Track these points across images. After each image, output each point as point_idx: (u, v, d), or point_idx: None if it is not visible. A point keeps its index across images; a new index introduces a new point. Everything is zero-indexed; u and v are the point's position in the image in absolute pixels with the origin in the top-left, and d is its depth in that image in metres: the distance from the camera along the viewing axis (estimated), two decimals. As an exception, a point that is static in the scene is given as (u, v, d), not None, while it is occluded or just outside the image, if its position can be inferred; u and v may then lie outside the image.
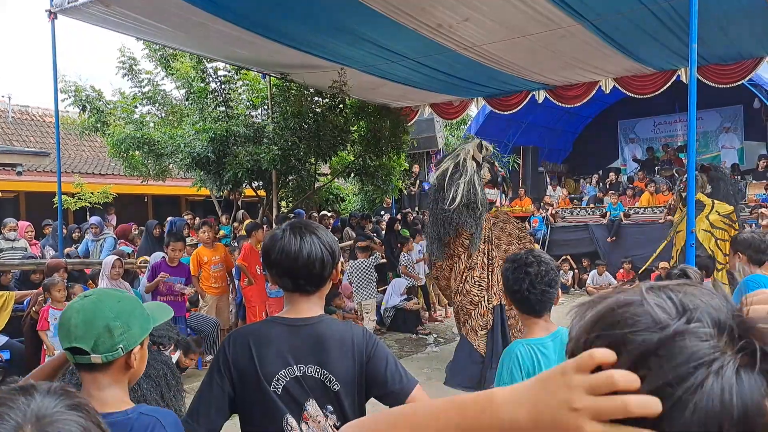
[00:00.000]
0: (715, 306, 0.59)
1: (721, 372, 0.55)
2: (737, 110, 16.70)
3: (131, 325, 1.52)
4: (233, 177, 10.16)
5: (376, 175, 12.17)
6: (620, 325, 0.60)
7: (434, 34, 7.89)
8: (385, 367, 1.74)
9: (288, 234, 1.75)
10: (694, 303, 0.60)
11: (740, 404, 0.54)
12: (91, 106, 11.91)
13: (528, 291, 2.13)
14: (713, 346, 0.56)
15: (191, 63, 10.80)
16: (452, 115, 12.87)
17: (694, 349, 0.56)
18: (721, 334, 0.57)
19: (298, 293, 1.79)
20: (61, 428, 0.78)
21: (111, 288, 5.48)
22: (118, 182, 14.97)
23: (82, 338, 1.45)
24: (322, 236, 1.77)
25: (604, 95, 11.82)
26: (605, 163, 18.62)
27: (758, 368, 0.56)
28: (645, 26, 7.82)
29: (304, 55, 8.91)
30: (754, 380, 0.55)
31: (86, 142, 17.06)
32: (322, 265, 1.74)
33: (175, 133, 10.83)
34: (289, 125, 9.88)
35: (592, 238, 13.15)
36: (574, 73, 10.30)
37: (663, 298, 0.60)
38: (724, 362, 0.55)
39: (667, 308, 0.59)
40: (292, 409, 1.72)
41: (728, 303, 0.60)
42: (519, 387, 0.65)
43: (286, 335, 1.74)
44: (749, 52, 9.12)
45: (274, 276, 1.80)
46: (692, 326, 0.58)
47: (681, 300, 0.60)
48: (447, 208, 6.06)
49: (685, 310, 0.59)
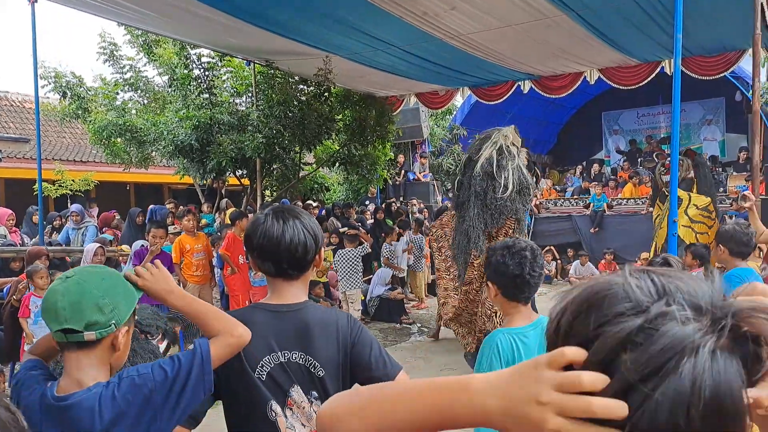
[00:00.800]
0: (697, 290, 0.60)
1: (696, 353, 0.55)
2: (719, 102, 16.88)
3: (119, 301, 1.50)
4: (217, 165, 10.07)
5: (361, 165, 12.13)
6: (600, 308, 0.61)
7: (420, 22, 7.85)
8: (369, 353, 1.73)
9: (270, 218, 1.74)
10: (675, 286, 0.60)
11: (711, 385, 0.54)
12: (71, 93, 11.75)
13: (529, 275, 2.15)
14: (693, 329, 0.56)
15: (174, 49, 10.67)
16: (438, 105, 12.85)
17: (672, 334, 0.56)
18: (700, 318, 0.57)
19: (282, 278, 1.77)
20: None
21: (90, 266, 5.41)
22: (99, 170, 14.78)
23: (72, 319, 1.43)
24: (304, 220, 1.76)
25: (588, 86, 11.87)
26: (589, 154, 18.76)
27: (735, 351, 0.56)
28: (630, 17, 7.85)
29: (289, 41, 8.83)
30: (730, 363, 0.55)
31: (67, 129, 16.83)
32: (305, 249, 1.73)
33: (158, 120, 10.71)
34: (273, 113, 9.80)
35: (575, 228, 13.25)
36: (559, 64, 10.33)
37: (644, 281, 0.61)
38: (701, 343, 0.55)
39: (647, 290, 0.60)
40: (277, 395, 1.71)
41: (712, 287, 0.60)
42: (494, 376, 0.67)
43: (270, 321, 1.73)
44: (732, 44, 9.20)
45: (256, 260, 1.78)
46: (671, 309, 0.58)
47: (662, 283, 0.60)
48: (501, 196, 5.83)
49: (665, 292, 0.59)
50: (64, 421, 1.43)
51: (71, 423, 1.42)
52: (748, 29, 6.92)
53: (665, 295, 0.59)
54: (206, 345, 1.55)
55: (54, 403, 1.44)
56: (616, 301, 0.60)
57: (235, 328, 1.59)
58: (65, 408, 1.42)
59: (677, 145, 5.82)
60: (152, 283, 1.60)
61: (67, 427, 1.43)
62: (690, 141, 17.37)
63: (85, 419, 1.41)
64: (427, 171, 15.99)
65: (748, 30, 6.94)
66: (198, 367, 1.51)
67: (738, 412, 0.55)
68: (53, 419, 1.44)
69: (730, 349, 0.56)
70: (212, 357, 1.54)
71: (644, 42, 8.95)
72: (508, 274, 2.16)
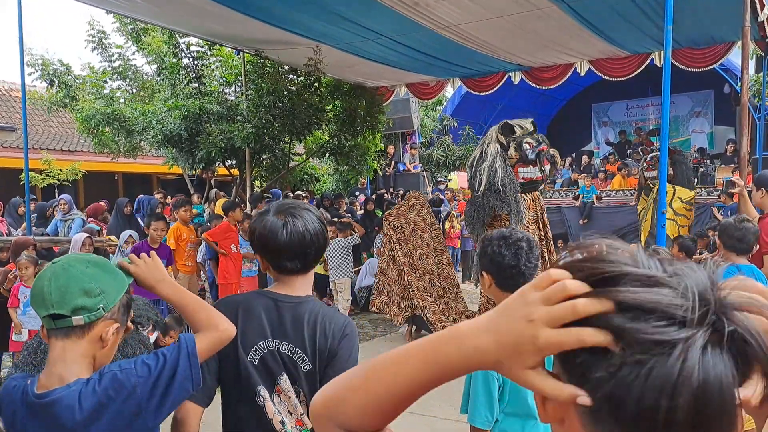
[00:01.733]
0: (699, 279, 0.58)
1: (687, 341, 0.54)
2: (708, 95, 16.98)
3: (106, 285, 1.49)
4: (206, 155, 10.01)
5: (351, 155, 12.10)
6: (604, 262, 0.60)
7: (411, 12, 7.82)
8: (346, 364, 1.72)
9: (274, 217, 1.76)
10: (681, 270, 0.59)
11: (701, 378, 0.53)
12: (59, 81, 11.64)
13: (524, 266, 2.15)
14: (688, 309, 0.55)
15: (163, 38, 10.57)
16: (428, 96, 12.83)
17: (668, 301, 0.55)
18: (697, 306, 0.56)
19: (286, 274, 1.81)
20: None
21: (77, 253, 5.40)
22: (87, 159, 14.67)
23: (60, 304, 1.43)
24: (308, 217, 1.78)
25: (578, 78, 11.89)
26: (578, 146, 18.81)
27: (728, 347, 0.55)
28: (620, 9, 7.87)
29: (279, 31, 8.78)
30: (720, 359, 0.54)
31: (54, 118, 16.66)
32: (310, 245, 1.76)
33: (147, 109, 10.62)
34: (263, 103, 9.74)
35: (564, 220, 13.29)
36: (550, 55, 10.33)
37: (653, 258, 0.61)
38: (695, 333, 0.54)
39: (654, 265, 0.60)
40: (266, 381, 1.75)
41: (711, 280, 0.59)
42: (483, 316, 0.67)
43: (270, 309, 1.77)
44: (721, 36, 9.24)
45: (262, 256, 1.81)
46: (674, 280, 0.57)
47: (669, 264, 0.60)
48: (476, 194, 6.31)
49: (672, 272, 0.59)
50: (44, 417, 1.43)
51: (52, 419, 1.42)
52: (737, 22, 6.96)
53: (673, 274, 0.59)
54: (192, 339, 1.55)
55: (34, 400, 1.44)
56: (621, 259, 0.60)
57: (221, 323, 1.60)
58: (45, 405, 1.42)
59: (666, 137, 5.85)
60: (144, 271, 1.60)
61: (47, 422, 1.43)
62: (678, 133, 17.49)
63: (65, 415, 1.42)
64: (417, 162, 15.99)
65: (737, 22, 6.97)
66: (185, 360, 1.51)
67: (725, 410, 0.54)
68: (34, 415, 1.44)
69: (723, 344, 0.55)
70: (199, 351, 1.54)
71: (634, 34, 8.97)
72: (504, 265, 2.16)
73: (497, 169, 6.13)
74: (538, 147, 6.23)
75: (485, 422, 2.06)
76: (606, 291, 0.57)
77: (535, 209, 6.41)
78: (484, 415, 2.06)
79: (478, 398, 2.07)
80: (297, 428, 1.76)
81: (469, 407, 2.12)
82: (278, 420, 1.74)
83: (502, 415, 2.11)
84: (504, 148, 6.25)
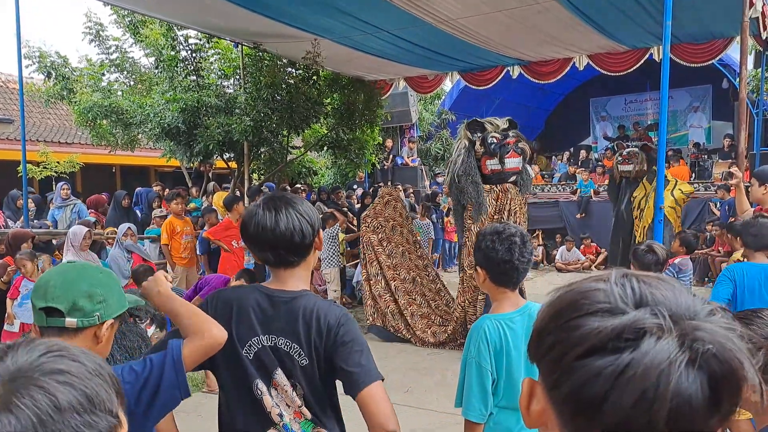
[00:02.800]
0: (677, 302, 0.61)
1: (663, 363, 0.56)
2: (706, 90, 16.97)
3: (110, 296, 1.51)
4: (204, 148, 10.00)
5: (350, 149, 12.08)
6: (577, 308, 0.62)
7: (410, 6, 7.80)
8: (349, 356, 1.70)
9: (263, 209, 1.76)
10: (655, 296, 0.61)
11: (675, 398, 0.55)
12: (56, 73, 11.60)
13: (518, 261, 2.15)
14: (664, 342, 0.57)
15: (161, 30, 10.53)
16: (427, 89, 12.82)
17: (644, 345, 0.57)
18: (673, 331, 0.58)
19: (282, 267, 1.80)
20: (28, 393, 0.67)
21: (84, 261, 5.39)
22: (84, 151, 14.62)
23: (60, 298, 1.43)
24: (298, 206, 1.77)
25: (576, 73, 11.88)
26: (577, 140, 18.81)
27: (701, 368, 0.57)
28: (619, 4, 7.85)
29: (278, 24, 8.75)
30: (695, 381, 0.56)
31: (52, 110, 16.61)
32: (301, 234, 1.75)
33: (145, 102, 10.60)
34: (261, 96, 9.72)
35: (561, 214, 13.32)
36: (548, 50, 10.32)
37: (626, 288, 0.62)
38: (668, 356, 0.56)
39: (627, 298, 0.61)
40: (262, 375, 1.76)
41: (693, 301, 0.62)
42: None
43: (265, 304, 1.76)
44: (720, 31, 9.23)
45: (254, 251, 1.81)
46: (646, 318, 0.59)
47: (642, 291, 0.62)
48: (450, 188, 6.86)
49: (644, 301, 0.61)
50: None
51: None
52: (736, 17, 6.95)
53: (644, 304, 0.61)
54: (178, 347, 1.54)
55: None
56: (595, 302, 0.62)
57: (210, 329, 1.60)
58: None
59: (665, 132, 5.86)
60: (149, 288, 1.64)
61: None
62: (677, 128, 17.49)
63: None
64: (415, 156, 15.97)
65: (736, 18, 6.97)
66: (170, 368, 1.50)
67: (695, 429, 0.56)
68: None
69: (700, 367, 0.57)
70: (186, 358, 1.54)
71: (633, 29, 8.96)
72: (497, 260, 2.16)
73: (456, 161, 6.50)
74: (503, 141, 6.38)
75: (479, 416, 2.08)
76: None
77: (503, 201, 6.49)
78: (478, 409, 2.07)
79: (472, 392, 2.09)
80: (296, 420, 1.77)
81: (463, 401, 2.13)
82: (276, 413, 1.75)
83: (497, 408, 2.12)
84: (472, 143, 6.52)
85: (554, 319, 0.64)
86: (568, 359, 0.60)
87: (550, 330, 0.64)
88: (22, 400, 0.66)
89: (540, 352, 0.65)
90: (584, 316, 0.61)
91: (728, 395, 0.57)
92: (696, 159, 14.65)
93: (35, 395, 0.67)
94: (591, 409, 0.58)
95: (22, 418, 0.65)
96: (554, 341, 0.63)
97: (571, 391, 0.59)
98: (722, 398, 0.57)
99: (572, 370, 0.59)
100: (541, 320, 0.66)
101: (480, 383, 2.08)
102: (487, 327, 2.13)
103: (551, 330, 0.64)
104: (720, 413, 0.57)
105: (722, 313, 0.62)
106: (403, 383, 5.68)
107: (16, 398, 0.66)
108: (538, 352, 0.66)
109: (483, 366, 2.08)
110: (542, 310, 0.67)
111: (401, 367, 6.24)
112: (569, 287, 0.66)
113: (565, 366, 0.60)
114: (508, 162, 6.33)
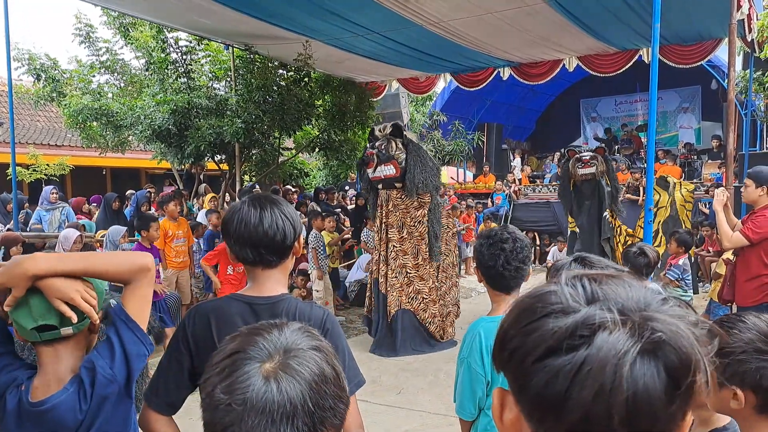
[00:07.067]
0: (628, 296, 0.62)
1: (618, 357, 0.57)
2: (695, 91, 17.08)
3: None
4: (195, 150, 9.96)
5: (341, 150, 12.08)
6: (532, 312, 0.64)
7: (400, 8, 7.82)
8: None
9: (247, 205, 1.73)
10: (605, 292, 0.63)
11: (631, 388, 0.56)
12: (46, 75, 11.53)
13: (503, 267, 2.12)
14: (617, 334, 0.58)
15: (151, 32, 10.50)
16: (421, 90, 12.88)
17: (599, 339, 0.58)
18: (626, 324, 0.59)
19: (260, 267, 1.75)
20: (301, 362, 0.90)
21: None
22: (75, 154, 14.57)
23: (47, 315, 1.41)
24: (282, 207, 1.75)
25: (567, 74, 11.94)
26: (568, 141, 18.86)
27: (658, 358, 0.57)
28: (608, 5, 7.90)
29: (269, 26, 8.74)
30: (650, 369, 0.57)
31: (41, 112, 16.52)
32: (283, 235, 1.72)
33: (135, 104, 10.55)
34: (252, 98, 9.70)
35: (554, 215, 13.35)
36: (539, 51, 10.36)
37: (577, 288, 0.64)
38: (623, 348, 0.57)
39: (578, 297, 0.63)
40: None
41: (644, 294, 0.63)
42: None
43: (246, 313, 1.72)
44: (709, 33, 9.30)
45: (234, 248, 1.75)
46: (597, 313, 0.60)
47: (593, 289, 0.63)
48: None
49: (595, 298, 0.62)
50: (44, 423, 1.42)
51: (52, 423, 1.42)
52: (724, 18, 7.01)
53: (595, 300, 0.62)
54: (119, 307, 1.53)
55: (31, 409, 1.42)
56: (548, 304, 0.63)
57: (135, 263, 1.55)
58: (44, 412, 1.41)
59: (654, 132, 5.89)
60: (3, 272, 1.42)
61: (48, 427, 1.43)
62: (666, 129, 17.60)
63: (67, 417, 1.42)
64: (407, 157, 15.94)
65: (724, 19, 7.03)
66: (123, 328, 1.51)
67: (657, 417, 0.57)
68: (32, 421, 1.43)
69: (653, 356, 0.57)
70: (133, 309, 1.53)
71: (622, 30, 9.01)
72: (484, 264, 2.17)
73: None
74: (370, 149, 6.77)
75: (469, 415, 2.14)
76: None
77: (387, 208, 6.81)
78: (468, 409, 2.13)
79: (464, 393, 2.13)
80: None
81: (456, 400, 2.17)
82: None
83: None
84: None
85: (512, 326, 0.66)
86: (528, 362, 0.62)
87: (510, 337, 0.65)
88: (298, 368, 0.90)
89: (503, 359, 0.66)
90: (539, 319, 0.63)
91: (685, 380, 0.58)
92: (686, 159, 14.74)
93: (308, 364, 0.91)
94: (556, 408, 0.59)
95: (300, 380, 0.88)
96: (514, 347, 0.64)
97: (536, 394, 0.61)
98: (680, 383, 0.58)
99: (534, 373, 0.61)
100: (502, 329, 0.68)
101: (470, 384, 2.10)
102: (482, 329, 2.13)
103: (511, 337, 0.65)
104: (680, 399, 0.58)
105: (674, 302, 0.63)
106: (395, 384, 5.69)
107: (295, 364, 0.90)
108: (502, 360, 0.67)
109: (473, 368, 2.10)
110: (503, 320, 0.69)
111: (393, 368, 6.24)
112: (526, 294, 0.68)
113: (527, 369, 0.62)
114: (383, 170, 6.67)
